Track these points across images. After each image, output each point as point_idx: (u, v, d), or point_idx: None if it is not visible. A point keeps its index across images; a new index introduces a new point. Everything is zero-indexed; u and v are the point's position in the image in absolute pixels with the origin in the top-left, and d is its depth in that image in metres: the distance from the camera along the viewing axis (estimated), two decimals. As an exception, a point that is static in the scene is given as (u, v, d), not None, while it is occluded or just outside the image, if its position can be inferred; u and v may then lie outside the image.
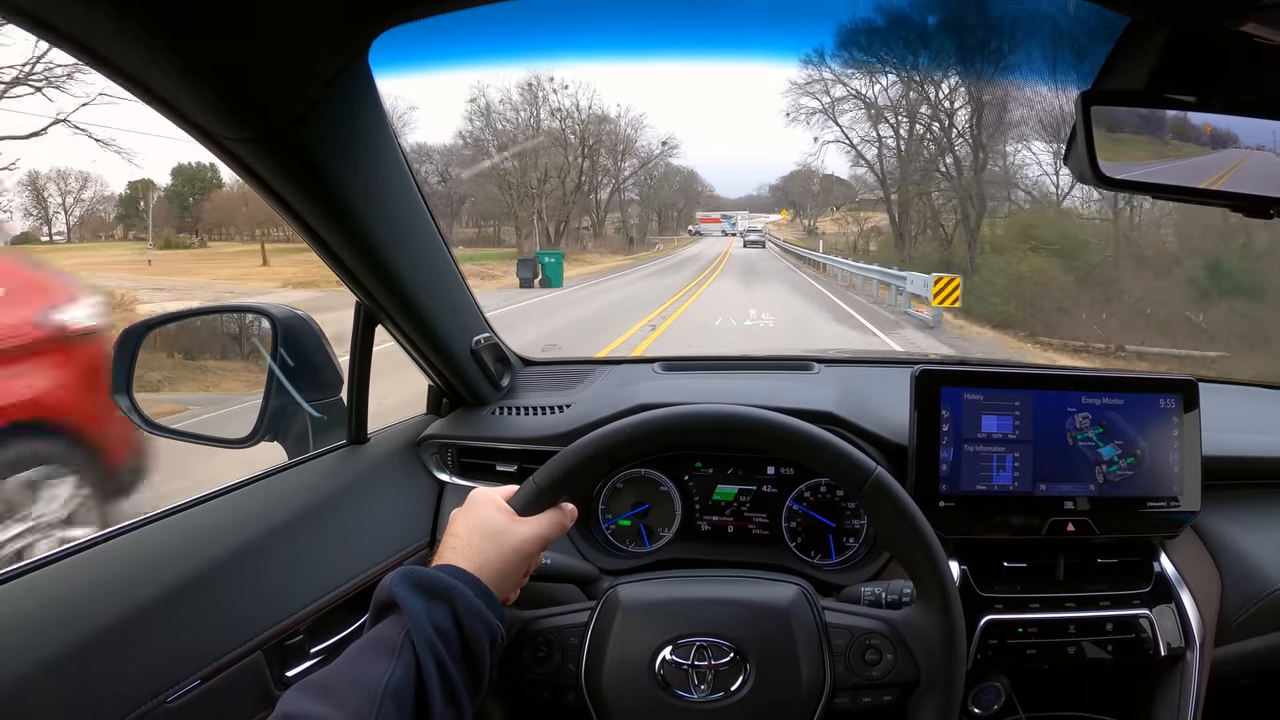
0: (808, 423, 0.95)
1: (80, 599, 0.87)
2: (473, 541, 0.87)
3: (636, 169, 37.77)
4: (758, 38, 1.13)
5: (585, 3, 0.82)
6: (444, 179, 30.94)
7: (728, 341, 10.31)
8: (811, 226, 37.78)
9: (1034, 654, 1.16)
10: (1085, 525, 1.19)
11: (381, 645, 0.76)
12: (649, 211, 41.39)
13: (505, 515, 0.91)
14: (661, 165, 39.75)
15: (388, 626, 0.78)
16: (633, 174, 37.95)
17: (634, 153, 37.27)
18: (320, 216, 0.96)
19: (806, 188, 39.05)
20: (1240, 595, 1.29)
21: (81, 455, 2.92)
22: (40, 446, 2.84)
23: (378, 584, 0.83)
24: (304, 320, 1.41)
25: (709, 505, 1.37)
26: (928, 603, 0.92)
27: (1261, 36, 0.78)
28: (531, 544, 0.90)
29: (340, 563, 1.14)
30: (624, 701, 0.93)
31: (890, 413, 1.31)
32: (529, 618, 0.98)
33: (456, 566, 0.84)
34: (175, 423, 1.45)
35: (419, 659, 0.74)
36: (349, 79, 0.84)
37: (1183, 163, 0.85)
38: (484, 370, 1.41)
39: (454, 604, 0.79)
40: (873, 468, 0.92)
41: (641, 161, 37.62)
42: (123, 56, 0.68)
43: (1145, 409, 1.21)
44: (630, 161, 37.30)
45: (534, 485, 0.94)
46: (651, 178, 40.21)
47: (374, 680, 0.72)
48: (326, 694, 0.71)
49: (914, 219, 23.22)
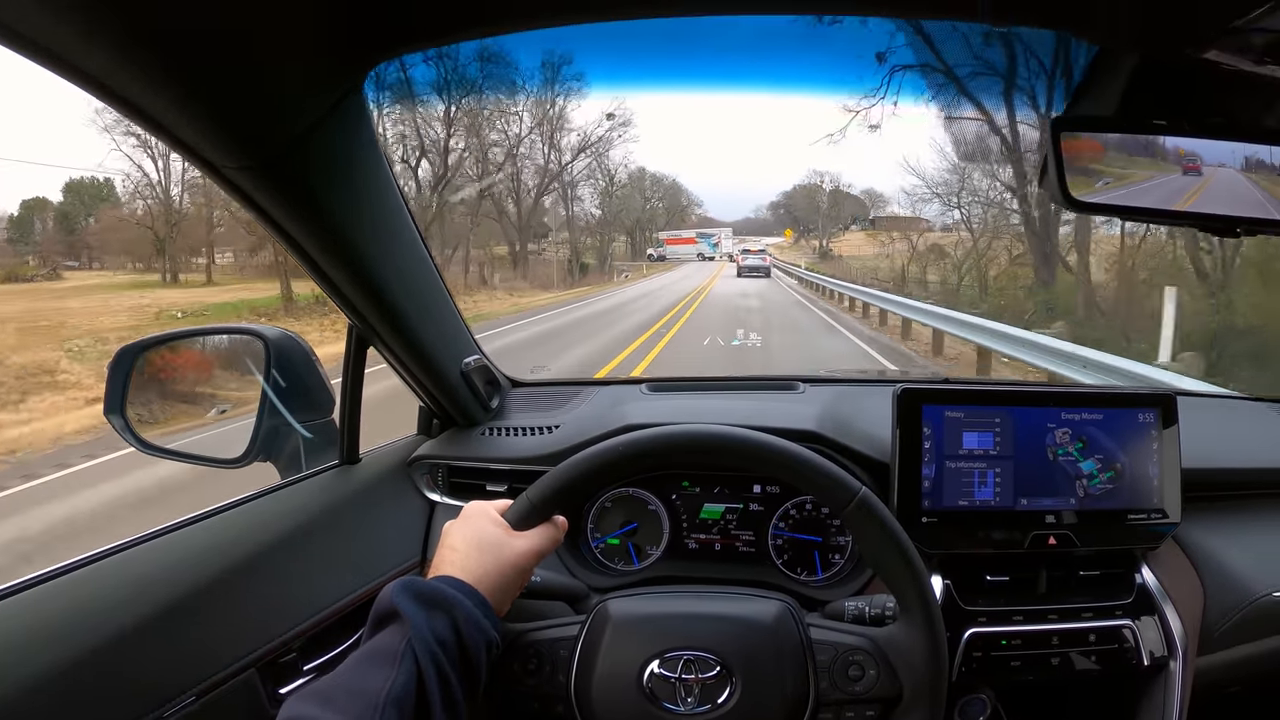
0: (793, 442, 0.97)
1: (74, 617, 0.87)
2: (470, 554, 0.88)
3: (578, 163, 27.76)
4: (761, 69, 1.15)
5: (575, 39, 0.84)
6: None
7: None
8: (825, 248, 32.20)
9: (1018, 666, 1.17)
10: (1067, 539, 1.21)
11: (382, 654, 0.76)
12: (611, 230, 31.98)
13: (501, 529, 0.92)
14: (623, 172, 30.67)
15: (388, 636, 0.78)
16: (577, 173, 28.26)
17: (579, 146, 26.74)
18: (315, 242, 0.98)
19: (813, 203, 33.50)
20: (1222, 605, 1.31)
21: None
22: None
23: (371, 602, 0.84)
24: (296, 342, 1.42)
25: (696, 523, 1.38)
26: (910, 620, 0.93)
27: (1225, 62, 0.81)
28: (526, 557, 0.91)
29: (332, 581, 1.15)
30: (612, 713, 0.94)
31: (873, 430, 1.33)
32: (520, 630, 0.99)
33: (455, 578, 0.85)
34: (169, 443, 1.46)
35: (420, 667, 0.75)
36: (345, 109, 0.86)
37: (1152, 185, 0.88)
38: (474, 391, 1.43)
39: (454, 614, 0.80)
40: (858, 488, 0.93)
41: (581, 144, 27.11)
42: (123, 87, 0.69)
43: (1125, 424, 1.23)
44: (580, 159, 27.64)
45: (528, 500, 0.95)
46: (612, 184, 30.88)
47: (375, 688, 0.73)
48: (328, 702, 0.72)
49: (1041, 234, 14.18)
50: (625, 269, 31.37)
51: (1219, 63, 0.81)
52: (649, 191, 35.52)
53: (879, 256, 25.03)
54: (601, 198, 31.05)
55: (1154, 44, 0.84)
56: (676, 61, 1.19)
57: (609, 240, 32.11)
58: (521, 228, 26.64)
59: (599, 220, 31.37)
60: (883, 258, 24.35)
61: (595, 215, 31.11)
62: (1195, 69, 0.84)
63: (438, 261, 1.22)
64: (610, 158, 29.38)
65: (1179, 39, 0.80)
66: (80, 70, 0.66)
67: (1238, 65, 0.81)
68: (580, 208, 30.19)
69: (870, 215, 30.59)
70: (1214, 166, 0.88)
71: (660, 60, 1.18)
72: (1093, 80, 0.92)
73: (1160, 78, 0.88)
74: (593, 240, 31.38)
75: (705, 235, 36.03)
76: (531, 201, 27.31)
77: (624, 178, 32.19)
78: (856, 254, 28.71)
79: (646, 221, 34.93)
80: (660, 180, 36.03)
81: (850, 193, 31.87)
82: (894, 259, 23.22)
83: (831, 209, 32.83)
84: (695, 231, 36.42)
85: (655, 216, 35.42)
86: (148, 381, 1.43)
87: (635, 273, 30.79)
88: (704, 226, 36.80)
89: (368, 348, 1.24)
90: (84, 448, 7.10)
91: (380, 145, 1.00)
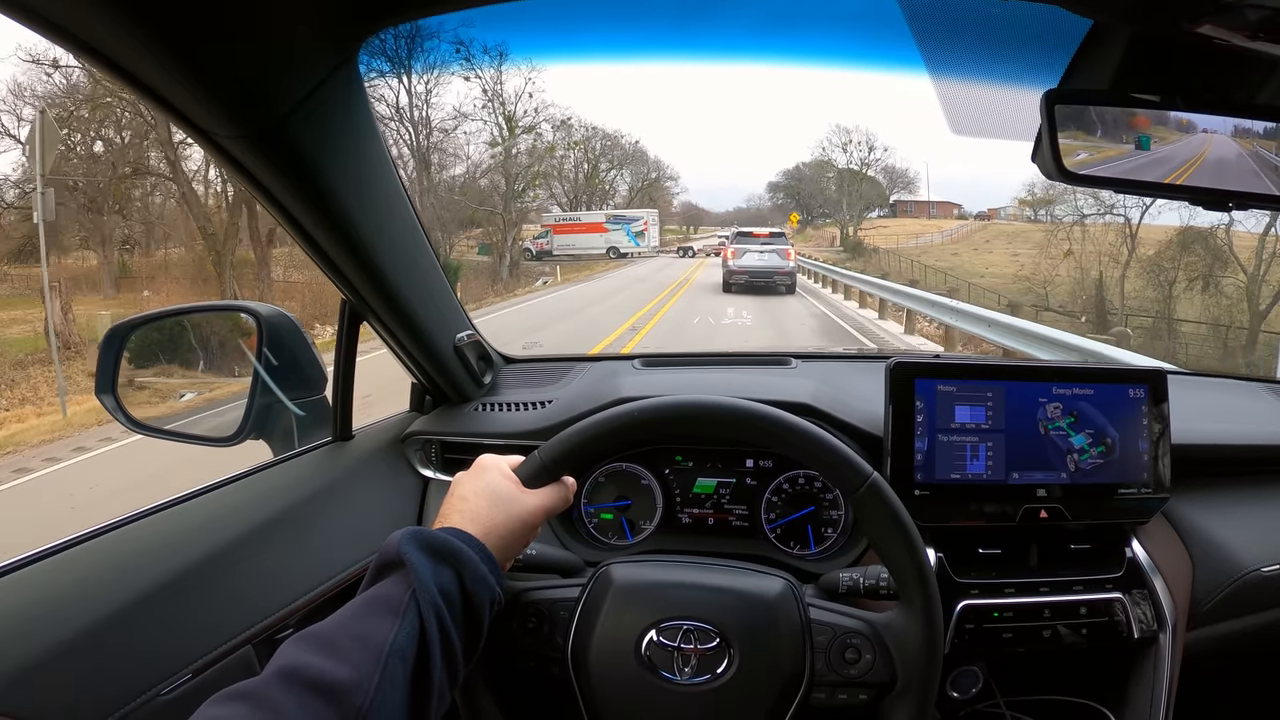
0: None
1: (68, 596, 0.88)
2: (480, 505, 0.87)
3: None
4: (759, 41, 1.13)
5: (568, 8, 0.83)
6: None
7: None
8: (855, 240, 24.59)
9: (1010, 638, 1.18)
10: (1058, 512, 1.22)
11: (386, 603, 0.75)
12: (521, 207, 20.75)
13: (513, 483, 0.92)
14: (543, 124, 20.39)
15: (392, 584, 0.77)
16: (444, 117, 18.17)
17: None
18: (309, 214, 0.97)
19: (821, 184, 26.84)
20: (1210, 580, 1.33)
21: None
22: None
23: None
24: (289, 319, 1.42)
25: (689, 498, 1.39)
26: (909, 606, 0.94)
27: (1219, 38, 0.81)
28: (535, 514, 0.91)
29: (327, 557, 1.16)
30: (608, 678, 0.94)
31: (866, 405, 1.33)
32: (521, 588, 0.99)
33: (463, 530, 0.83)
34: (161, 422, 1.45)
35: (423, 620, 0.74)
36: (339, 79, 0.86)
37: (1144, 158, 0.88)
38: (467, 367, 1.43)
39: (460, 568, 0.79)
40: (870, 471, 0.93)
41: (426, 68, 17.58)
42: (117, 54, 0.69)
43: (1115, 399, 1.24)
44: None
45: (540, 459, 0.94)
46: (512, 127, 19.76)
47: (379, 638, 0.71)
48: (330, 647, 0.70)
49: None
50: (546, 273, 21.70)
51: (1212, 38, 0.81)
52: (598, 154, 24.63)
53: (1010, 259, 17.55)
54: (502, 154, 20.22)
55: (1148, 18, 0.84)
56: (683, 31, 1.17)
57: (511, 221, 21.41)
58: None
59: (502, 193, 20.84)
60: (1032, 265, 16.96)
61: (483, 186, 20.27)
62: (1189, 44, 0.84)
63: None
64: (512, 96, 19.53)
65: (1173, 13, 0.80)
66: (75, 37, 0.66)
67: (1231, 40, 0.81)
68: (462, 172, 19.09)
69: (891, 199, 25.85)
70: (1204, 133, 0.89)
71: (663, 28, 1.16)
72: (1086, 55, 0.92)
73: (1154, 53, 0.88)
74: (489, 231, 20.82)
75: (620, 220, 24.77)
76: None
77: (545, 129, 21.89)
78: (896, 247, 21.80)
79: (600, 196, 24.38)
80: (617, 140, 25.06)
81: (869, 175, 26.64)
82: (1033, 269, 16.24)
83: (852, 187, 26.32)
84: (605, 215, 24.78)
85: (614, 188, 24.14)
86: (138, 360, 1.42)
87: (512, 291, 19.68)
88: (690, 217, 26.88)
89: (360, 323, 1.24)
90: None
91: (375, 120, 1.00)
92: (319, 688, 0.66)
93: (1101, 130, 0.89)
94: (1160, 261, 16.70)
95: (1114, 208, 16.79)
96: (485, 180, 20.40)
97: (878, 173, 27.11)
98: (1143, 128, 0.88)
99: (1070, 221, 18.74)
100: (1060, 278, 18.33)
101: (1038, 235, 17.46)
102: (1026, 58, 0.94)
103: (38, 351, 12.75)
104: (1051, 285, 18.03)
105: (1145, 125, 0.88)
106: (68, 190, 17.89)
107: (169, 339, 1.65)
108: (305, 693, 0.65)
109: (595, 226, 24.17)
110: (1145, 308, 16.25)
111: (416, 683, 0.72)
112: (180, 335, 1.70)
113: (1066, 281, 18.26)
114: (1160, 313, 15.85)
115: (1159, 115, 0.89)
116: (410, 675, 0.72)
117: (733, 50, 1.17)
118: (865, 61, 1.06)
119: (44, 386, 11.17)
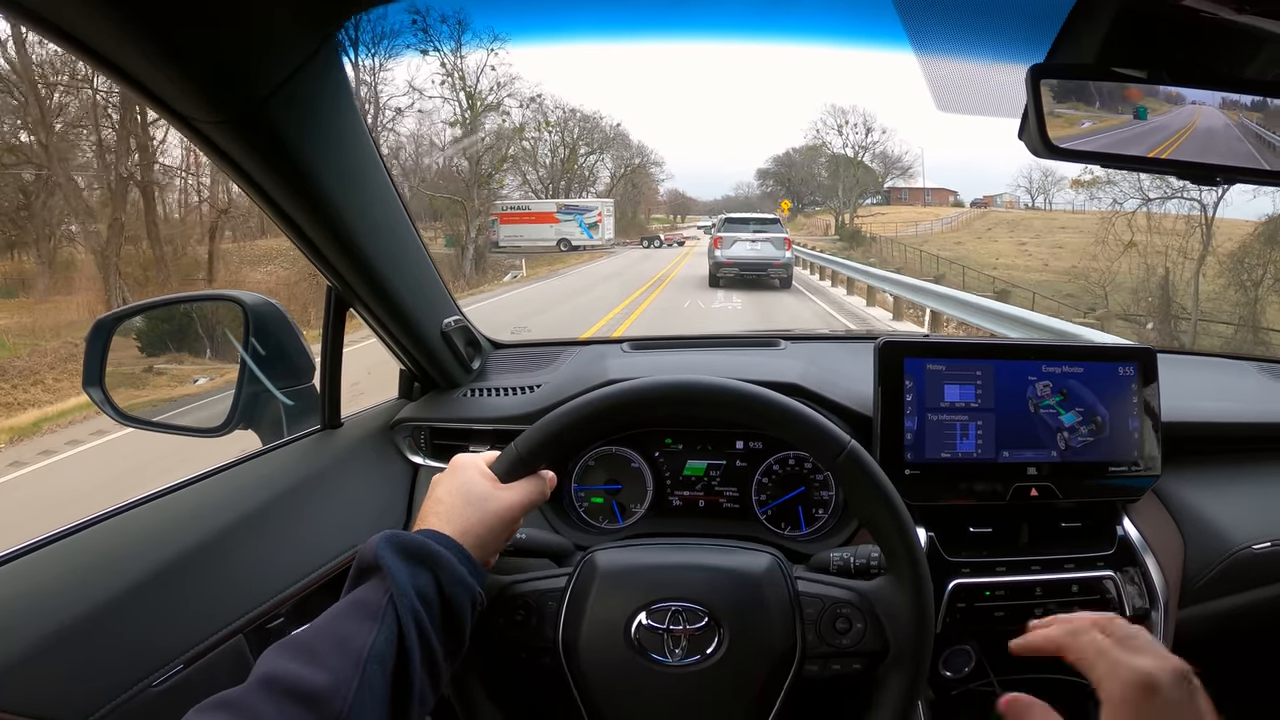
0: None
1: (57, 588, 0.87)
2: (455, 506, 0.87)
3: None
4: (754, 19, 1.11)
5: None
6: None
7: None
8: (852, 228, 24.05)
9: (1002, 616, 1.19)
10: (1048, 490, 1.22)
11: (364, 607, 0.75)
12: (486, 192, 19.04)
13: (488, 481, 0.91)
14: (509, 100, 19.11)
15: (370, 590, 0.77)
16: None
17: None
18: (292, 199, 0.96)
19: (810, 172, 26.55)
20: (1201, 558, 1.33)
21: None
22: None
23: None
24: (276, 308, 1.41)
25: (680, 481, 1.39)
26: (898, 574, 0.94)
27: (1206, 10, 0.80)
28: (513, 510, 0.91)
29: (318, 546, 1.15)
30: (600, 664, 0.94)
31: (855, 385, 1.33)
32: (507, 582, 0.99)
33: (439, 532, 0.84)
34: (148, 414, 1.44)
35: (401, 624, 0.75)
36: (319, 63, 0.85)
37: (1130, 132, 0.88)
38: (455, 353, 1.43)
39: (437, 570, 0.80)
40: (847, 440, 0.93)
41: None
42: (93, 38, 0.68)
43: (1105, 377, 1.24)
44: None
45: (515, 452, 0.94)
46: (476, 104, 18.67)
47: (357, 643, 0.72)
48: (309, 654, 0.71)
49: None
50: (519, 266, 20.54)
51: (1200, 10, 0.81)
52: (576, 138, 23.47)
53: (1017, 249, 15.54)
54: (461, 134, 17.75)
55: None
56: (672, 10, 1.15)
57: (475, 210, 19.65)
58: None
59: (465, 178, 18.74)
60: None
61: (440, 169, 18.06)
62: (1176, 17, 0.83)
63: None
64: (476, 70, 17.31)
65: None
66: (50, 23, 0.65)
67: (1218, 14, 0.80)
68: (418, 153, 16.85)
69: (885, 185, 24.98)
70: (1192, 104, 0.88)
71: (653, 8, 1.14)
72: (1072, 29, 0.92)
73: (1140, 26, 0.88)
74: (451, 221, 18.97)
75: (573, 210, 23.12)
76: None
77: (512, 106, 19.93)
78: (895, 236, 20.70)
79: (580, 183, 22.86)
80: (596, 123, 23.93)
81: (863, 162, 25.85)
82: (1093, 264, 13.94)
83: (847, 173, 25.61)
84: (556, 204, 23.29)
85: (594, 174, 22.59)
86: (125, 352, 1.41)
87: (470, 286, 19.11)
88: (676, 204, 24.32)
89: (347, 310, 1.23)
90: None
91: (357, 104, 0.99)
92: (298, 694, 0.67)
93: (1092, 103, 0.88)
94: (1244, 257, 14.75)
95: (1185, 188, 14.10)
96: (440, 162, 18.94)
97: (874, 157, 26.71)
98: (1136, 100, 0.88)
99: (1132, 209, 16.37)
100: (1120, 273, 16.15)
101: (1038, 223, 16.31)
102: (1012, 32, 0.93)
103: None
104: (1112, 285, 16.02)
105: (1138, 97, 0.88)
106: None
107: (159, 330, 1.64)
108: (284, 700, 0.66)
109: (545, 216, 23.07)
110: (1224, 311, 14.15)
111: (396, 686, 0.73)
112: (169, 325, 1.69)
113: (1128, 279, 16.14)
114: (1245, 319, 13.88)
115: (1148, 89, 0.89)
116: (390, 679, 0.73)
117: (715, 26, 1.16)
118: (849, 38, 1.04)
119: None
